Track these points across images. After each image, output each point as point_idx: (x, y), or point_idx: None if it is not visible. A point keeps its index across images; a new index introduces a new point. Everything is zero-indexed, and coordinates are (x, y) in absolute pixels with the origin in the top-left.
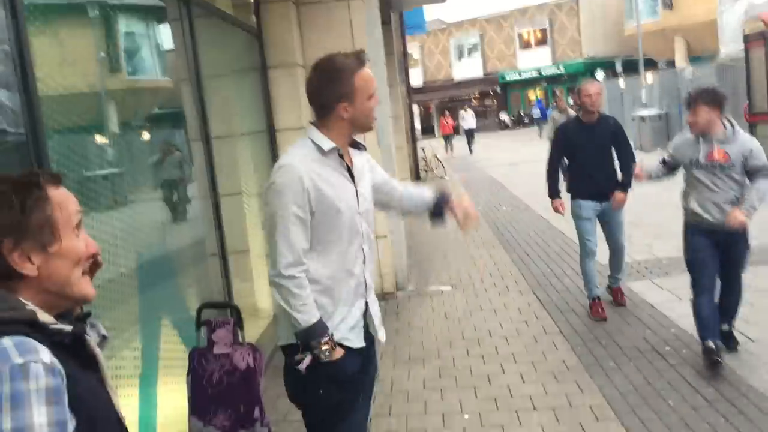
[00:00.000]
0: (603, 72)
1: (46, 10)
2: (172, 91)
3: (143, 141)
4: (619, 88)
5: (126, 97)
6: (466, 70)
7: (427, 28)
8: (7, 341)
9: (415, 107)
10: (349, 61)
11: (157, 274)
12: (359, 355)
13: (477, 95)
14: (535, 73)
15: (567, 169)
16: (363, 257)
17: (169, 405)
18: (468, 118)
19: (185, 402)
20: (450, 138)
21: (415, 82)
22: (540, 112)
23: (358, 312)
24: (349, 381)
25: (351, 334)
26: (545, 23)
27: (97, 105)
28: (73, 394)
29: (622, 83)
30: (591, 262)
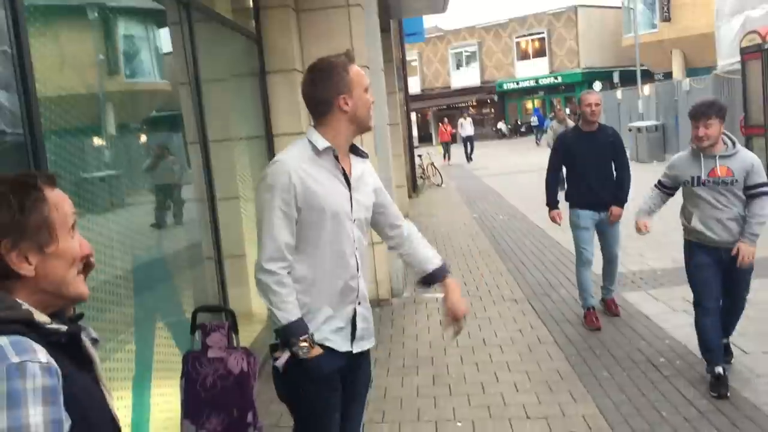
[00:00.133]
0: (600, 83)
1: (47, 11)
2: (170, 94)
3: (141, 144)
4: (616, 99)
5: (124, 100)
6: (464, 78)
7: (426, 35)
8: (3, 340)
9: (413, 115)
10: (340, 59)
11: (153, 276)
12: (343, 357)
13: (474, 103)
14: (532, 83)
15: (566, 178)
16: (356, 264)
17: (162, 408)
18: (466, 126)
19: (178, 405)
20: (448, 145)
21: (412, 89)
22: (538, 119)
23: (346, 316)
24: (325, 380)
25: (336, 336)
26: (543, 33)
27: (96, 107)
28: (68, 393)
29: (619, 94)
30: (587, 272)
